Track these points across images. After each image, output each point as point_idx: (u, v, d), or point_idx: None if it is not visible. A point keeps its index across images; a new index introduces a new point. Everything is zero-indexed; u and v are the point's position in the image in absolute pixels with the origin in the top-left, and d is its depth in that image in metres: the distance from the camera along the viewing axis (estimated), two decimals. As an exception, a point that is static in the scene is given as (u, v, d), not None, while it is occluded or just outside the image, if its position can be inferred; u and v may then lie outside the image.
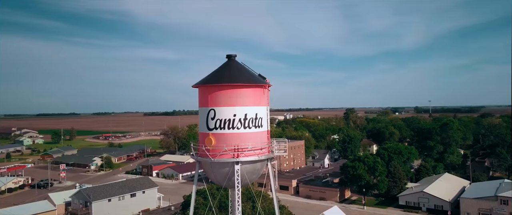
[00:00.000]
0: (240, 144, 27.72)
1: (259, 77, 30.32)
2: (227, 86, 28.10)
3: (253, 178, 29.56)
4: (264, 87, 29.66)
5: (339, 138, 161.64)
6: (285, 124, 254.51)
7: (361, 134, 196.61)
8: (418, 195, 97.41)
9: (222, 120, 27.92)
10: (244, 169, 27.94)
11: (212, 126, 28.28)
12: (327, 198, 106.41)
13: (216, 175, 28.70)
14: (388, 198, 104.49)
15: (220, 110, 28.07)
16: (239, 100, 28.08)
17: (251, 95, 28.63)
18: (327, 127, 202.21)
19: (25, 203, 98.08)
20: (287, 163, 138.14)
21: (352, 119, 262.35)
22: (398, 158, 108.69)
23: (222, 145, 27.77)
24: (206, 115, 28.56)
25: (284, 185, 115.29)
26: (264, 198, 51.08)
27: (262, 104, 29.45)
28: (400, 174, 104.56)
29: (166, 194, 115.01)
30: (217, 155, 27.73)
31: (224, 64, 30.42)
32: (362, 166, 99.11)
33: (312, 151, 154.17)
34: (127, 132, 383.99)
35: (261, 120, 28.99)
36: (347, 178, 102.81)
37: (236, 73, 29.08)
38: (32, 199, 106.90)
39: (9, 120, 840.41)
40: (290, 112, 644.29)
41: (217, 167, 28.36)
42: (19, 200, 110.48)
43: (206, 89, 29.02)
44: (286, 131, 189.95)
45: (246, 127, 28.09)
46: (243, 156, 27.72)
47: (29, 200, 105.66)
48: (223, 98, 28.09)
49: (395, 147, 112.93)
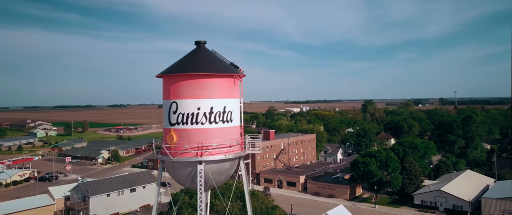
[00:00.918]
0: (205, 141, 25.24)
1: (230, 67, 27.65)
2: (190, 76, 25.60)
3: (221, 180, 27.11)
4: (235, 77, 26.99)
5: (353, 131, 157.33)
6: (298, 116, 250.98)
7: (378, 127, 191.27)
8: (435, 194, 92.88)
9: (185, 114, 25.51)
10: (209, 170, 25.51)
11: (174, 121, 25.93)
12: (337, 196, 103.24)
13: (178, 175, 26.45)
14: (402, 196, 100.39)
15: (182, 103, 25.65)
16: (204, 92, 25.56)
17: (219, 87, 26.05)
18: (341, 119, 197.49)
19: (27, 196, 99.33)
20: (296, 158, 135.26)
21: (370, 111, 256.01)
22: (414, 153, 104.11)
23: (184, 142, 25.39)
24: (169, 109, 26.20)
25: (292, 181, 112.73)
26: (257, 197, 48.76)
27: (233, 96, 26.83)
28: (415, 171, 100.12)
29: (169, 188, 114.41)
30: (179, 153, 25.36)
31: (191, 52, 27.88)
32: (374, 162, 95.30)
33: (324, 145, 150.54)
34: (139, 124, 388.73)
35: (230, 114, 26.41)
36: (358, 174, 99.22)
37: (202, 61, 26.51)
38: (35, 193, 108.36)
39: (27, 112, 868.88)
40: (307, 104, 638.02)
41: (179, 167, 26.07)
42: (23, 193, 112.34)
43: (168, 79, 26.63)
44: (298, 123, 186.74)
45: (212, 121, 25.59)
46: (208, 154, 25.26)
47: (33, 194, 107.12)
48: (186, 89, 25.63)
49: (411, 141, 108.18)
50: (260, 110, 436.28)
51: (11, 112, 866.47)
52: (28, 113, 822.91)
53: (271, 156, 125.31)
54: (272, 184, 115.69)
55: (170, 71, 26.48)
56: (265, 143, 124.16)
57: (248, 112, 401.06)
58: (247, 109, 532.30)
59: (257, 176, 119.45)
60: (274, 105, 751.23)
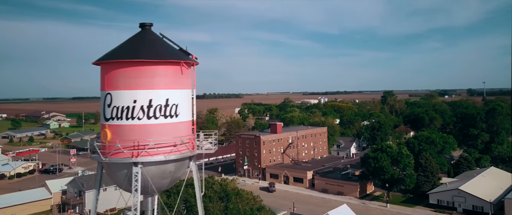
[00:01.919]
0: (142, 139, 22.16)
1: (177, 52, 24.34)
2: (125, 63, 22.46)
3: (165, 184, 23.99)
4: (182, 65, 23.65)
5: (368, 124, 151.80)
6: (314, 108, 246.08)
7: (396, 119, 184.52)
8: (453, 193, 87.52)
9: (119, 108, 22.47)
10: (148, 172, 22.44)
11: (108, 116, 22.95)
12: (346, 193, 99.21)
13: (115, 177, 23.56)
14: (418, 195, 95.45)
15: (117, 95, 22.59)
16: (141, 82, 22.40)
17: (160, 76, 22.83)
18: (356, 111, 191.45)
19: (26, 190, 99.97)
20: (306, 152, 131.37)
21: (390, 102, 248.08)
22: (431, 148, 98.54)
23: (119, 140, 22.39)
24: (103, 101, 23.22)
25: (299, 177, 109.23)
26: (241, 198, 45.73)
27: (179, 87, 23.56)
28: (432, 167, 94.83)
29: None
30: (111, 153, 22.40)
31: (134, 35, 24.70)
32: (385, 157, 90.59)
33: (337, 138, 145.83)
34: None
35: (175, 108, 23.18)
36: (369, 170, 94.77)
37: (142, 46, 23.30)
38: (35, 186, 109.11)
39: (46, 103, 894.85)
40: (325, 95, 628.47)
41: (114, 168, 23.13)
42: (25, 186, 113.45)
43: (104, 67, 23.60)
44: (311, 116, 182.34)
45: (151, 116, 22.45)
46: (145, 155, 22.18)
47: (33, 187, 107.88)
48: (121, 79, 22.54)
49: (427, 135, 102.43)
50: (276, 101, 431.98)
51: (30, 103, 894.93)
52: (47, 104, 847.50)
53: (278, 150, 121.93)
54: (278, 180, 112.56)
55: (104, 57, 23.41)
56: (272, 136, 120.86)
57: (263, 104, 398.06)
58: (264, 101, 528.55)
59: (263, 171, 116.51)
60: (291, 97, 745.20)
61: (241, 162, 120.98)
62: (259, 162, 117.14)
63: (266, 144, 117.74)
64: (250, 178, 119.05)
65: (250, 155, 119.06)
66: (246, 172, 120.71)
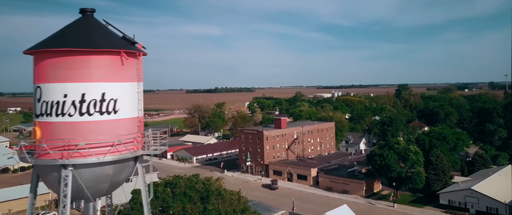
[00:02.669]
0: (73, 139, 19.94)
1: (119, 41, 21.94)
2: (55, 52, 20.20)
3: (102, 189, 21.71)
4: (123, 55, 21.25)
5: (379, 119, 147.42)
6: (325, 102, 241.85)
7: (410, 114, 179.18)
8: (465, 193, 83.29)
9: (49, 103, 20.30)
10: (81, 176, 20.23)
11: (38, 111, 20.81)
12: (351, 192, 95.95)
13: (47, 181, 21.48)
14: (428, 194, 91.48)
15: (46, 88, 20.42)
16: (73, 74, 20.14)
17: (96, 67, 20.51)
18: (367, 106, 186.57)
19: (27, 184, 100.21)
20: (312, 148, 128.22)
21: (405, 96, 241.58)
22: (442, 145, 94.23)
23: (48, 138, 20.23)
24: (34, 95, 21.09)
25: (302, 174, 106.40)
26: (223, 199, 43.35)
27: (119, 79, 21.20)
28: (443, 165, 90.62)
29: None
30: (41, 154, 20.27)
31: (72, 22, 22.38)
32: (392, 154, 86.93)
33: (345, 134, 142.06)
34: (162, 109, 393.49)
35: (114, 103, 20.85)
36: (375, 168, 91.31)
37: (77, 34, 20.97)
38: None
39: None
40: (340, 89, 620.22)
41: (45, 171, 21.01)
42: (27, 180, 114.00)
43: (35, 57, 21.41)
44: (319, 110, 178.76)
45: (84, 113, 20.18)
46: (78, 156, 19.97)
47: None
48: (51, 71, 20.33)
49: (439, 131, 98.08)
50: (288, 95, 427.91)
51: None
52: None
53: (282, 146, 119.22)
54: (281, 177, 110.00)
55: (34, 46, 21.20)
56: (275, 131, 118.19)
57: (274, 98, 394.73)
58: (276, 94, 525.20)
59: (266, 168, 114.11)
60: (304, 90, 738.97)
61: (244, 158, 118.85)
62: (262, 158, 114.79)
63: (269, 139, 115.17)
64: (253, 175, 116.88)
65: (253, 151, 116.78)
66: (249, 169, 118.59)
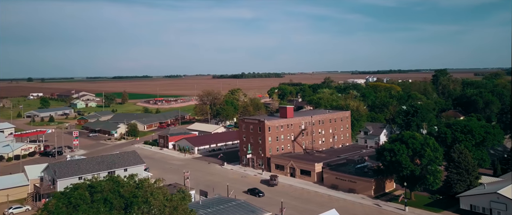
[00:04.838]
0: None
1: None
2: None
3: None
4: None
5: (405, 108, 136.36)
6: (352, 88, 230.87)
7: (444, 102, 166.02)
8: (490, 197, 73.46)
9: None
10: None
11: None
12: (358, 191, 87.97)
13: None
14: (449, 196, 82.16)
15: None
16: None
17: None
18: (392, 93, 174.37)
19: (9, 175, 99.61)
20: (323, 140, 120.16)
21: (443, 82, 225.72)
22: (467, 139, 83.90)
23: None
24: None
25: (306, 169, 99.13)
26: (150, 205, 37.47)
27: None
28: (467, 163, 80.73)
29: (163, 172, 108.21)
30: None
31: None
32: (404, 149, 78.00)
33: (364, 124, 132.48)
34: (182, 95, 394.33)
35: None
36: (384, 165, 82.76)
37: None
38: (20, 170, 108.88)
39: (88, 82, 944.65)
40: (376, 74, 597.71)
41: None
42: (16, 169, 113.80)
43: None
44: (342, 97, 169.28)
45: None
46: None
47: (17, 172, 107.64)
48: None
49: (464, 124, 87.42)
50: (318, 81, 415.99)
51: (74, 82, 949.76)
52: (89, 83, 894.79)
53: (287, 137, 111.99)
54: (283, 172, 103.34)
55: None
56: (279, 121, 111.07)
57: (302, 84, 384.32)
58: (306, 80, 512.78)
59: (268, 161, 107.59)
60: (338, 76, 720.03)
61: (244, 150, 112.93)
62: (263, 150, 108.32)
63: (272, 130, 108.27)
64: (254, 169, 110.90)
65: (254, 142, 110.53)
66: (250, 162, 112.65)
